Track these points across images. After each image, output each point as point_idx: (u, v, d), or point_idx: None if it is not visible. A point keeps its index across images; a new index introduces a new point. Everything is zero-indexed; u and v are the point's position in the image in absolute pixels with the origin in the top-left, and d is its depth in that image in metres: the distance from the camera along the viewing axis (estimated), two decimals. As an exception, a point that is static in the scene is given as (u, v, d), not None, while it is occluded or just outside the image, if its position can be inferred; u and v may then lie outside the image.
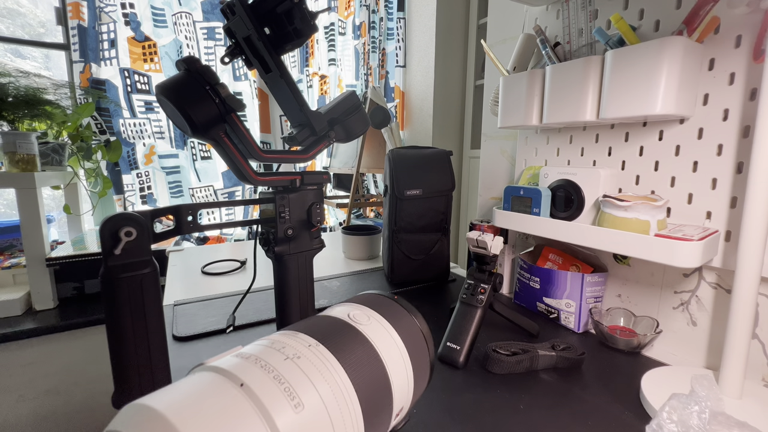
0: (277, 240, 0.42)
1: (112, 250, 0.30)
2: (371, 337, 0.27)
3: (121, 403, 0.31)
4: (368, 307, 0.31)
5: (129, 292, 0.31)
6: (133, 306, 0.31)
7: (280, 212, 0.42)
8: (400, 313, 0.31)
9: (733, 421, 0.37)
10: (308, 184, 0.44)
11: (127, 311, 0.31)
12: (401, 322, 0.30)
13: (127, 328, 0.31)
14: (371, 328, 0.28)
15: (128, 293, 0.31)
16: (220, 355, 0.23)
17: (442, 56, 1.85)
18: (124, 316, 0.31)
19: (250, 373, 0.21)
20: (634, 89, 0.52)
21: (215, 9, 1.68)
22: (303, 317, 0.46)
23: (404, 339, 0.29)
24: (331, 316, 0.29)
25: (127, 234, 0.30)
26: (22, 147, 1.11)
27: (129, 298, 0.31)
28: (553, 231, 0.61)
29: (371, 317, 0.29)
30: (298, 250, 0.44)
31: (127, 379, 0.32)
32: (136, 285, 0.31)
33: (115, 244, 0.30)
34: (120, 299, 0.31)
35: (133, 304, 0.31)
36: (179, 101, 0.35)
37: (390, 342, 0.28)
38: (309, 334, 0.25)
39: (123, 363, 0.31)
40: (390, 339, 0.28)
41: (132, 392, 0.32)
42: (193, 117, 0.35)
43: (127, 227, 0.30)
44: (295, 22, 0.39)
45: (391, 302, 0.32)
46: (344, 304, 0.32)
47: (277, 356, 0.22)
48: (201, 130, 0.36)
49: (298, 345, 0.24)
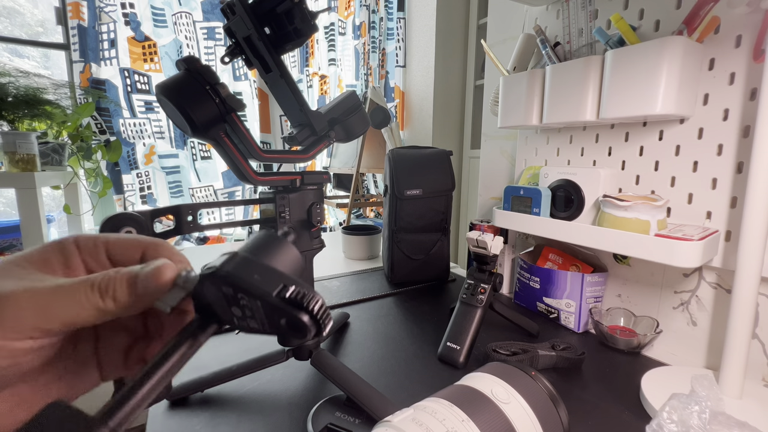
0: None
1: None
2: (511, 418, 0.29)
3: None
4: (510, 384, 0.32)
5: None
6: None
7: (281, 212, 0.42)
8: (540, 395, 0.32)
9: (733, 421, 0.37)
10: (308, 184, 0.44)
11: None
12: (541, 407, 0.31)
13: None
14: (511, 407, 0.30)
15: None
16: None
17: (442, 56, 1.85)
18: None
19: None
20: (634, 89, 0.51)
21: (215, 9, 1.68)
22: None
23: (543, 424, 0.31)
24: (476, 390, 0.31)
25: (127, 233, 0.30)
26: (22, 147, 1.11)
27: None
28: (553, 231, 0.61)
29: (511, 396, 0.31)
30: (298, 249, 0.44)
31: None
32: None
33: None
34: None
35: None
36: (179, 101, 0.35)
37: (528, 423, 0.30)
38: (459, 407, 0.29)
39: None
40: (528, 421, 0.30)
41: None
42: (193, 117, 0.35)
43: (127, 227, 0.30)
44: (295, 22, 0.39)
45: (530, 380, 0.33)
46: (486, 376, 0.33)
47: (440, 427, 0.26)
48: (201, 130, 0.36)
49: (454, 418, 0.27)
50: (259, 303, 0.17)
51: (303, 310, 0.17)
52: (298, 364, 0.53)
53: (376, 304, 0.76)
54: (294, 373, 0.52)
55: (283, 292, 0.17)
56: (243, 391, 0.48)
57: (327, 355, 0.48)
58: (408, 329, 0.66)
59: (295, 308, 0.17)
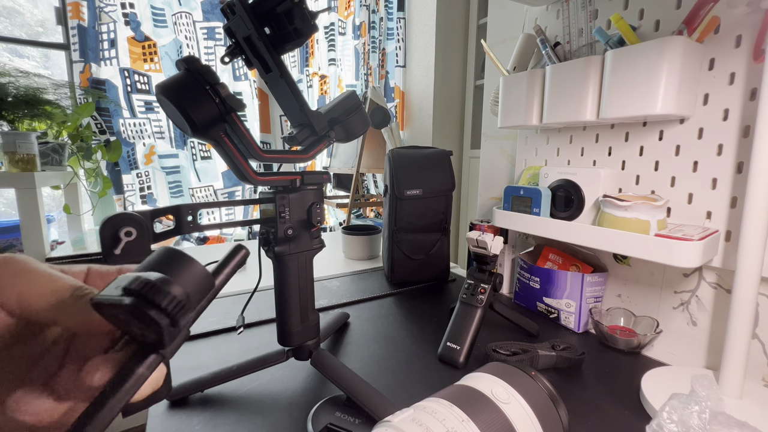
0: (277, 240, 0.43)
1: (112, 250, 0.29)
2: (511, 418, 0.29)
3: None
4: (510, 384, 0.32)
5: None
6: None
7: (280, 212, 0.42)
8: (540, 395, 0.32)
9: (733, 421, 0.37)
10: (308, 184, 0.44)
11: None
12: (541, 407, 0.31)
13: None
14: (511, 407, 0.30)
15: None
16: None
17: (442, 56, 1.85)
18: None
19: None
20: (634, 89, 0.51)
21: (215, 9, 1.68)
22: (303, 318, 0.46)
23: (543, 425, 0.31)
24: (476, 390, 0.31)
25: (126, 234, 0.30)
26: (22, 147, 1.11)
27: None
28: (553, 231, 0.61)
29: (511, 396, 0.31)
30: (298, 250, 0.44)
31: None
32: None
33: (114, 244, 0.30)
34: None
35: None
36: (179, 101, 0.35)
37: (528, 423, 0.30)
38: (459, 407, 0.29)
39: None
40: (528, 421, 0.30)
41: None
42: (193, 117, 0.35)
43: (127, 227, 0.30)
44: (295, 22, 0.39)
45: (530, 380, 0.33)
46: (486, 376, 0.33)
47: (440, 427, 0.27)
48: (201, 130, 0.36)
49: (454, 418, 0.28)
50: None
51: (149, 303, 0.16)
52: (298, 364, 0.53)
53: (376, 304, 0.76)
54: (294, 373, 0.52)
55: (131, 284, 0.16)
56: (243, 391, 0.48)
57: (327, 355, 0.48)
58: (408, 329, 0.66)
59: (142, 301, 0.16)
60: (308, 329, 0.47)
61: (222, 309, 0.71)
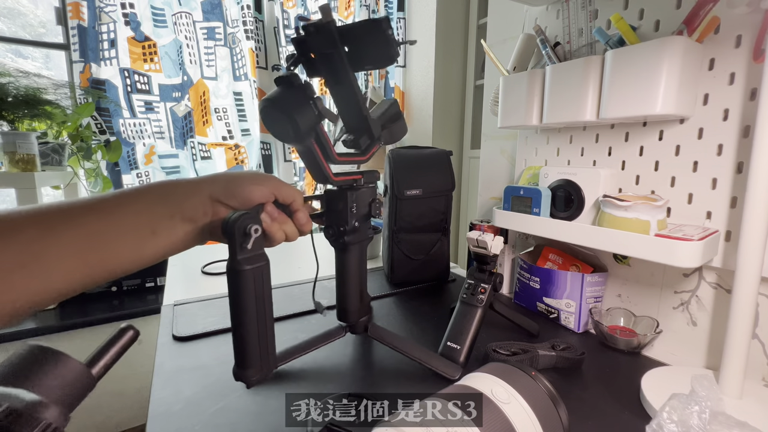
0: (347, 231, 0.49)
1: (243, 245, 0.35)
2: (511, 418, 0.30)
3: (241, 376, 0.38)
4: (510, 384, 0.32)
5: (253, 281, 0.36)
6: (256, 293, 0.37)
7: (351, 207, 0.48)
8: (540, 395, 0.32)
9: (733, 421, 0.37)
10: (368, 182, 0.51)
11: (251, 297, 0.36)
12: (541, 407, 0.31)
13: (250, 312, 0.37)
14: (511, 407, 0.30)
15: (252, 282, 0.36)
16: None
17: (442, 56, 1.85)
18: (248, 302, 0.36)
19: None
20: (634, 89, 0.52)
21: (215, 9, 1.68)
22: (361, 297, 0.53)
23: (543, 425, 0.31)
24: (476, 390, 0.31)
25: (255, 231, 0.35)
26: (22, 147, 1.12)
27: (253, 287, 0.36)
28: (553, 231, 0.61)
29: (511, 396, 0.31)
30: (360, 239, 0.51)
31: (247, 353, 0.37)
32: (258, 275, 0.37)
33: (245, 239, 0.35)
34: (245, 288, 0.36)
35: (255, 291, 0.37)
36: (290, 111, 0.39)
37: (528, 423, 0.30)
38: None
39: (245, 341, 0.37)
40: (528, 421, 0.30)
41: (252, 364, 0.38)
42: (300, 125, 0.39)
43: (255, 224, 0.35)
44: (380, 48, 0.41)
45: (530, 380, 0.33)
46: (486, 375, 0.33)
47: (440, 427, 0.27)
48: (301, 138, 0.41)
49: (454, 418, 0.28)
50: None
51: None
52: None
53: (376, 304, 0.76)
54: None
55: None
56: (243, 391, 0.48)
57: (381, 327, 0.56)
58: (408, 329, 0.66)
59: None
60: (365, 306, 0.54)
61: (221, 309, 0.71)
